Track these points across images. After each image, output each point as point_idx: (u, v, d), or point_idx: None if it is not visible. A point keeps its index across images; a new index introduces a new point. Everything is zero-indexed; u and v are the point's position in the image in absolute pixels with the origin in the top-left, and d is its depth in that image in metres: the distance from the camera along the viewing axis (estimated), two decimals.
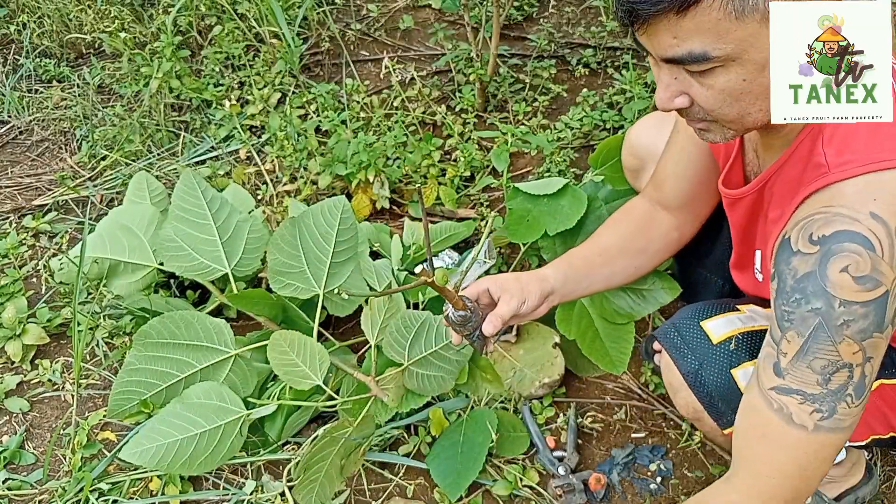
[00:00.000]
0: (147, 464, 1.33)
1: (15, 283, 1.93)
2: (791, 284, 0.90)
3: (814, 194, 0.91)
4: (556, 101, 2.39)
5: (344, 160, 2.07)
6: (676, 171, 1.33)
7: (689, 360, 1.12)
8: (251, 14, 2.56)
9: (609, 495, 1.48)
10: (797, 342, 0.89)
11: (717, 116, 0.94)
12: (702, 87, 0.91)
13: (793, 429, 0.90)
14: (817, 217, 0.89)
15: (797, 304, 0.89)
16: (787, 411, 0.90)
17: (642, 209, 1.40)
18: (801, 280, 0.89)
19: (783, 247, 0.93)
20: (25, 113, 2.62)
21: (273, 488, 1.47)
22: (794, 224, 0.92)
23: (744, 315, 1.15)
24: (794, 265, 0.90)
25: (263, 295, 1.57)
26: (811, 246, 0.89)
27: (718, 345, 1.11)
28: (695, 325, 1.14)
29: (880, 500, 1.43)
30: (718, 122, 0.96)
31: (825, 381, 0.89)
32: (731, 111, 0.93)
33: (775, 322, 0.92)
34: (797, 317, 0.89)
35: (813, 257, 0.88)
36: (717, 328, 1.13)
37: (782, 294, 0.91)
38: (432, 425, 1.54)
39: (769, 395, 0.92)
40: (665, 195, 1.37)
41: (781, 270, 0.92)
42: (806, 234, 0.90)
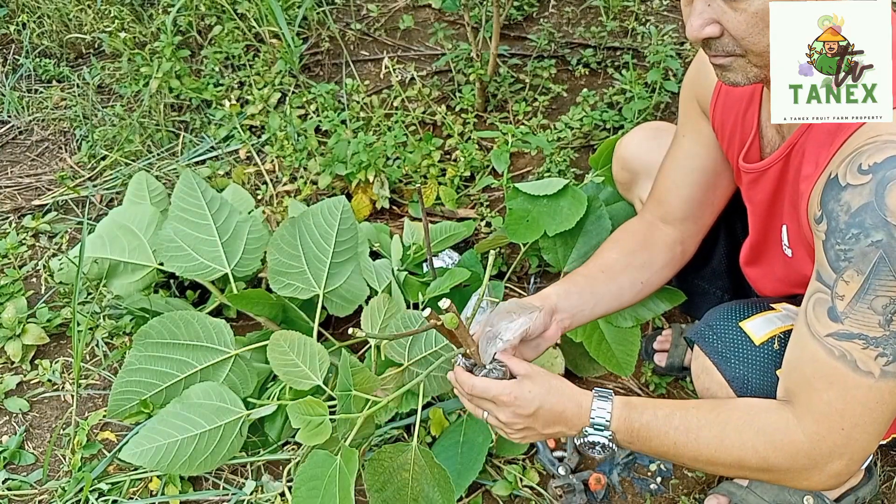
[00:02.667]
0: (147, 464, 1.33)
1: (15, 283, 1.93)
2: (845, 220, 0.86)
3: (855, 132, 0.88)
4: (556, 101, 2.39)
5: (344, 160, 2.07)
6: (682, 177, 1.31)
7: (733, 364, 1.07)
8: (251, 14, 2.56)
9: (609, 495, 1.48)
10: (857, 281, 0.85)
11: (746, 46, 0.93)
12: (735, 13, 0.90)
13: (860, 376, 0.87)
14: (865, 148, 0.86)
15: (855, 239, 0.85)
16: (851, 358, 0.87)
17: (641, 226, 1.37)
18: (857, 213, 0.84)
19: (830, 185, 0.89)
20: (25, 113, 2.62)
21: (273, 488, 1.47)
22: (839, 161, 0.89)
23: (780, 314, 1.11)
24: (845, 200, 0.86)
25: (263, 295, 1.57)
26: (862, 176, 0.85)
27: (762, 346, 1.07)
28: (733, 326, 1.10)
29: (880, 501, 1.43)
30: (745, 57, 0.94)
31: (887, 322, 0.85)
32: (763, 40, 0.90)
33: (827, 264, 0.88)
34: (856, 253, 0.85)
35: (867, 187, 0.84)
36: (758, 328, 1.09)
37: (835, 233, 0.87)
38: (432, 425, 1.54)
39: (827, 342, 0.89)
40: (669, 208, 1.34)
41: (831, 209, 0.88)
42: (854, 166, 0.86)
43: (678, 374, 1.64)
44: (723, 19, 0.92)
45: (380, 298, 1.47)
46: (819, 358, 0.90)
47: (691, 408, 1.01)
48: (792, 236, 1.10)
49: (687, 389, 1.64)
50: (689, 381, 1.64)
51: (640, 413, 1.02)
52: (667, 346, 1.65)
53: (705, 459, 0.98)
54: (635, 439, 1.02)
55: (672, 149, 1.34)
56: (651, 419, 1.01)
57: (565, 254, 1.65)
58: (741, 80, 0.98)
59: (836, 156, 0.91)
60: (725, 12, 0.91)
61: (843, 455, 0.91)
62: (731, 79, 0.98)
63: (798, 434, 0.92)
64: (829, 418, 0.90)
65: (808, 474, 0.94)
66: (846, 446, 0.91)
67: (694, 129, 1.28)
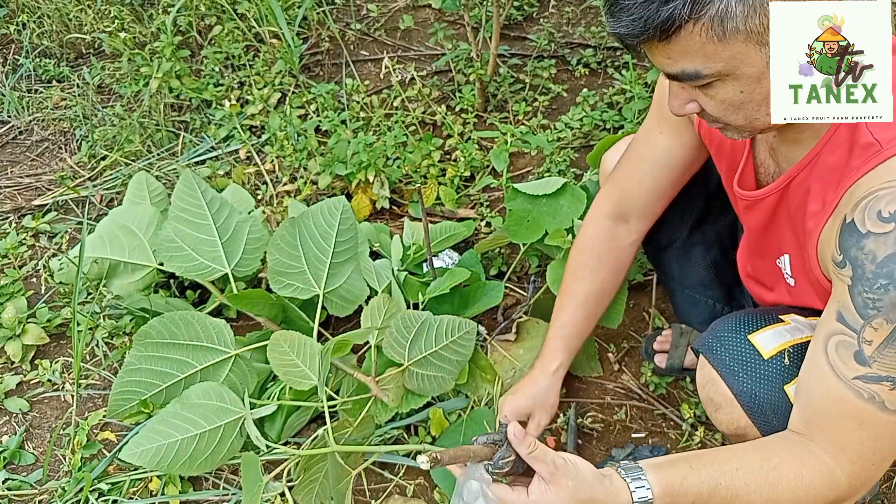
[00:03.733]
0: (147, 464, 1.32)
1: (15, 283, 1.93)
2: (872, 270, 0.87)
3: (868, 174, 0.89)
4: (556, 101, 2.39)
5: (344, 160, 2.07)
6: (650, 174, 1.32)
7: (740, 378, 1.07)
8: (251, 14, 2.56)
9: None
10: (886, 329, 0.87)
11: (726, 122, 0.96)
12: (706, 98, 0.94)
13: (888, 416, 0.89)
14: (882, 193, 0.87)
15: (884, 290, 0.86)
16: (880, 399, 0.89)
17: (604, 237, 1.39)
18: (885, 263, 0.86)
19: (848, 231, 0.90)
20: (25, 113, 2.61)
21: (273, 488, 1.47)
22: (853, 206, 0.89)
23: (790, 326, 1.10)
24: (869, 248, 0.87)
25: (263, 295, 1.57)
26: (884, 224, 0.86)
27: (770, 360, 1.06)
28: (742, 339, 1.09)
29: (880, 500, 1.43)
30: (731, 125, 0.98)
31: None
32: (738, 118, 0.95)
33: (853, 310, 0.90)
34: (885, 303, 0.86)
35: (891, 236, 0.85)
36: (767, 342, 1.08)
37: (862, 281, 0.88)
38: (432, 425, 1.54)
39: (855, 384, 0.90)
40: (628, 206, 1.36)
41: (855, 256, 0.89)
42: (873, 213, 0.87)
43: (678, 374, 1.64)
44: (698, 100, 0.96)
45: (380, 298, 1.47)
46: (847, 399, 0.91)
47: (732, 466, 0.97)
48: (795, 267, 1.10)
49: (687, 389, 1.64)
50: (689, 381, 1.64)
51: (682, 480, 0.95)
52: (667, 347, 1.65)
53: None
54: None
55: (642, 146, 1.33)
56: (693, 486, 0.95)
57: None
58: (737, 137, 1.02)
59: (846, 196, 0.92)
60: (699, 95, 0.95)
61: (869, 483, 0.96)
62: (731, 135, 1.02)
63: (840, 478, 0.94)
64: (863, 457, 0.93)
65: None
66: (874, 478, 0.96)
67: (674, 129, 1.27)
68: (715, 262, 1.47)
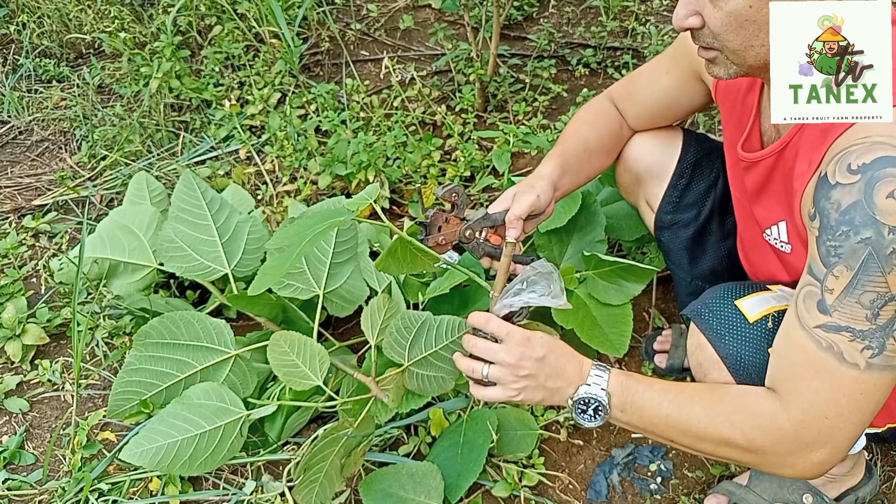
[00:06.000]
0: (147, 464, 1.32)
1: (15, 283, 1.93)
2: (836, 218, 0.88)
3: (845, 132, 0.91)
4: (556, 101, 2.39)
5: (344, 160, 2.07)
6: (646, 103, 1.40)
7: (727, 341, 1.09)
8: (251, 14, 2.56)
9: (609, 495, 1.48)
10: (846, 276, 0.88)
11: (722, 42, 0.99)
12: (714, 8, 0.96)
13: (846, 367, 0.90)
14: (854, 148, 0.88)
15: (845, 236, 0.87)
16: (838, 349, 0.90)
17: (614, 115, 1.45)
18: (847, 211, 0.87)
19: (820, 184, 0.92)
20: (25, 113, 2.61)
21: (273, 488, 1.47)
22: (829, 160, 0.91)
23: (776, 294, 1.13)
24: (835, 198, 0.89)
25: (263, 295, 1.57)
26: (851, 176, 0.87)
27: (755, 323, 1.08)
28: (729, 304, 1.12)
29: (880, 500, 1.43)
30: (724, 53, 1.00)
31: (874, 316, 0.88)
32: (736, 38, 0.97)
33: (818, 259, 0.91)
34: (846, 250, 0.87)
35: (856, 186, 0.86)
36: (752, 307, 1.11)
37: (826, 230, 0.90)
38: (432, 425, 1.54)
39: (816, 333, 0.91)
40: (635, 113, 1.44)
41: (823, 207, 0.91)
42: (843, 166, 0.88)
43: (678, 374, 1.64)
44: (704, 12, 0.98)
45: (380, 298, 1.47)
46: (807, 348, 0.92)
47: (687, 387, 1.05)
48: (791, 232, 1.13)
49: None
50: (690, 381, 1.64)
51: (637, 382, 1.05)
52: (667, 347, 1.66)
53: (694, 434, 1.00)
54: (628, 407, 1.04)
55: (646, 78, 1.41)
56: (646, 389, 1.04)
57: (561, 251, 1.66)
58: (723, 74, 1.04)
59: (826, 155, 0.93)
60: (706, 6, 0.97)
61: (827, 444, 0.94)
62: (714, 72, 1.05)
63: (784, 420, 0.95)
64: (815, 407, 0.93)
65: (792, 460, 0.96)
66: (830, 435, 0.94)
67: (680, 75, 1.34)
68: (729, 252, 1.49)
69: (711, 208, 1.48)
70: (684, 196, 1.47)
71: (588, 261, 1.54)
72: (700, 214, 1.48)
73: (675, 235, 1.51)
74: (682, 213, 1.48)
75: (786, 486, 1.32)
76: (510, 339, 1.08)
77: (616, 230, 1.72)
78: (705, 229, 1.49)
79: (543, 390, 1.08)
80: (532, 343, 1.07)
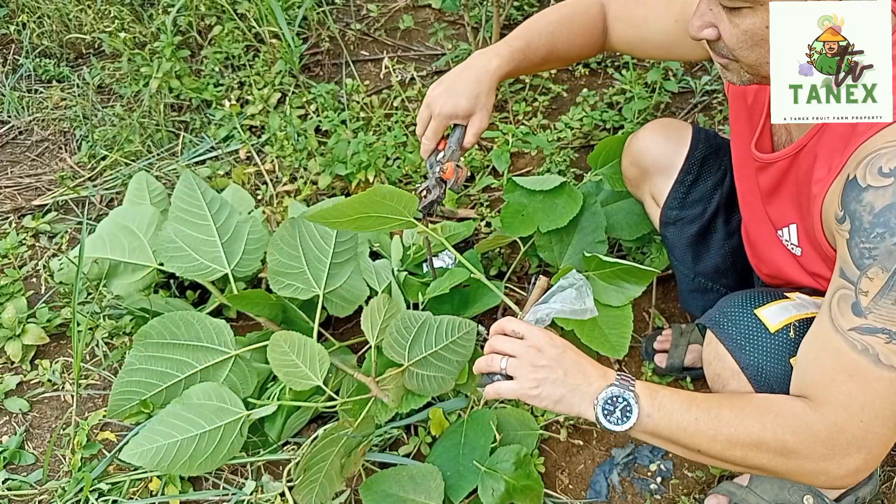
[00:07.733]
0: (147, 464, 1.33)
1: (15, 283, 1.93)
2: (869, 220, 0.88)
3: (872, 136, 0.91)
4: (556, 101, 2.39)
5: (344, 160, 2.07)
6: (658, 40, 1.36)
7: (747, 351, 1.07)
8: (251, 14, 2.56)
9: (609, 495, 1.48)
10: (881, 278, 0.87)
11: (737, 56, 0.98)
12: (730, 24, 0.96)
13: (882, 370, 0.88)
14: (883, 151, 0.88)
15: (880, 238, 0.87)
16: (874, 352, 0.88)
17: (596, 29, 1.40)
18: (882, 213, 0.87)
19: (850, 187, 0.91)
20: (25, 113, 2.61)
21: (273, 488, 1.47)
22: (857, 163, 0.91)
23: (795, 302, 1.11)
24: (867, 200, 0.89)
25: (263, 295, 1.57)
26: (883, 178, 0.87)
27: (776, 333, 1.06)
28: (748, 313, 1.10)
29: (880, 501, 1.43)
30: (738, 63, 1.00)
31: None
32: (751, 55, 0.97)
33: (851, 262, 0.90)
34: (881, 251, 0.87)
35: (889, 189, 0.87)
36: (773, 316, 1.09)
37: (859, 232, 0.89)
38: (432, 426, 1.54)
39: (850, 336, 0.90)
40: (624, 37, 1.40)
41: (854, 209, 0.90)
42: (874, 169, 0.88)
43: (678, 374, 1.64)
44: (720, 26, 0.98)
45: (380, 299, 1.47)
46: (841, 351, 0.91)
47: (712, 395, 1.02)
48: (801, 235, 1.12)
49: (687, 389, 1.64)
50: (690, 381, 1.64)
51: (663, 388, 1.02)
52: (667, 347, 1.65)
53: (724, 438, 0.96)
54: (656, 410, 0.99)
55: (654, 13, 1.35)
56: (673, 394, 1.00)
57: (561, 251, 1.65)
58: (736, 80, 1.04)
59: (851, 158, 0.93)
60: (723, 20, 0.97)
61: (862, 448, 0.91)
62: (728, 77, 1.05)
63: (816, 423, 0.92)
64: (849, 409, 0.90)
65: (826, 465, 0.92)
66: (865, 439, 0.91)
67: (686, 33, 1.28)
68: (734, 250, 1.48)
69: (717, 206, 1.47)
70: (691, 192, 1.46)
71: (589, 262, 1.54)
72: (706, 211, 1.47)
73: (680, 231, 1.50)
74: (687, 210, 1.47)
75: (786, 488, 1.31)
76: (531, 332, 1.06)
77: (616, 230, 1.71)
78: (710, 226, 1.49)
79: (564, 385, 1.02)
80: (554, 338, 1.05)
